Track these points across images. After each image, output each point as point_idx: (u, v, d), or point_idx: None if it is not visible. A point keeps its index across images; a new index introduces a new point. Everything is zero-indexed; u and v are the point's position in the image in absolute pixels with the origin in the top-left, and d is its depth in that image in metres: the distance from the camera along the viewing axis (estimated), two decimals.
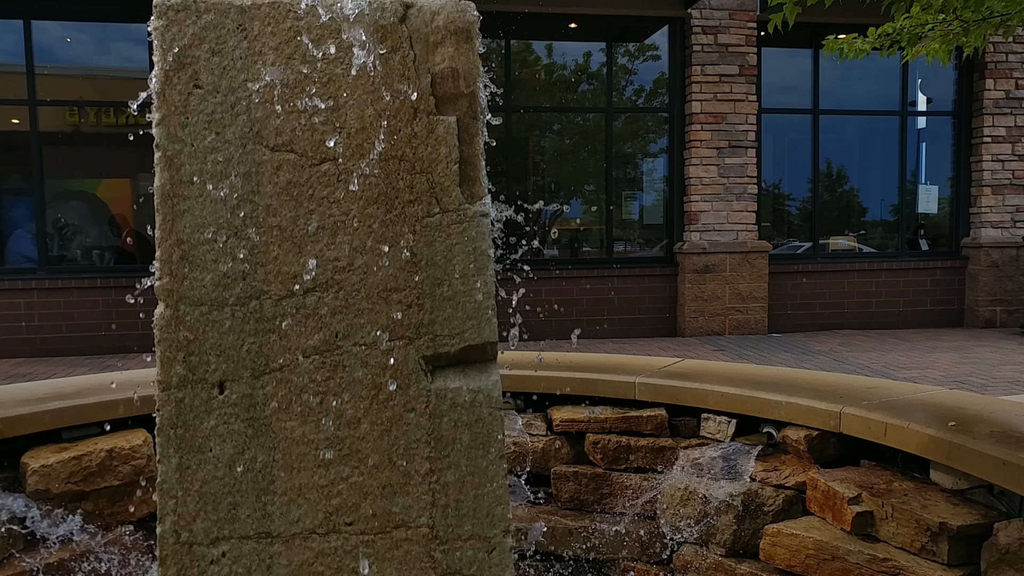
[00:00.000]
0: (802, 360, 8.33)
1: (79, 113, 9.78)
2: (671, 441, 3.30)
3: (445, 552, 1.61)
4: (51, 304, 9.02)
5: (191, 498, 1.56)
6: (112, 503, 3.00)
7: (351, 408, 1.60)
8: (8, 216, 9.66)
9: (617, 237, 10.88)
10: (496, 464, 1.62)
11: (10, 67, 9.38)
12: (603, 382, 3.45)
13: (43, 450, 2.94)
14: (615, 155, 10.69)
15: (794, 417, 2.98)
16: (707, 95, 10.14)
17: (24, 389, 3.32)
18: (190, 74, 1.58)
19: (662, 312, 10.31)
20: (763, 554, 2.67)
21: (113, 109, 9.85)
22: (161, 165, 1.57)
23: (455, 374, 1.64)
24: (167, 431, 1.56)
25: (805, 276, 10.65)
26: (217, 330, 1.57)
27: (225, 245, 1.57)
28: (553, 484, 3.36)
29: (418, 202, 1.61)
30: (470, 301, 1.62)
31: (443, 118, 1.62)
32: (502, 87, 10.20)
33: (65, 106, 9.71)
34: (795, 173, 11.29)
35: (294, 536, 1.58)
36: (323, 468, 1.59)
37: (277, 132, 1.58)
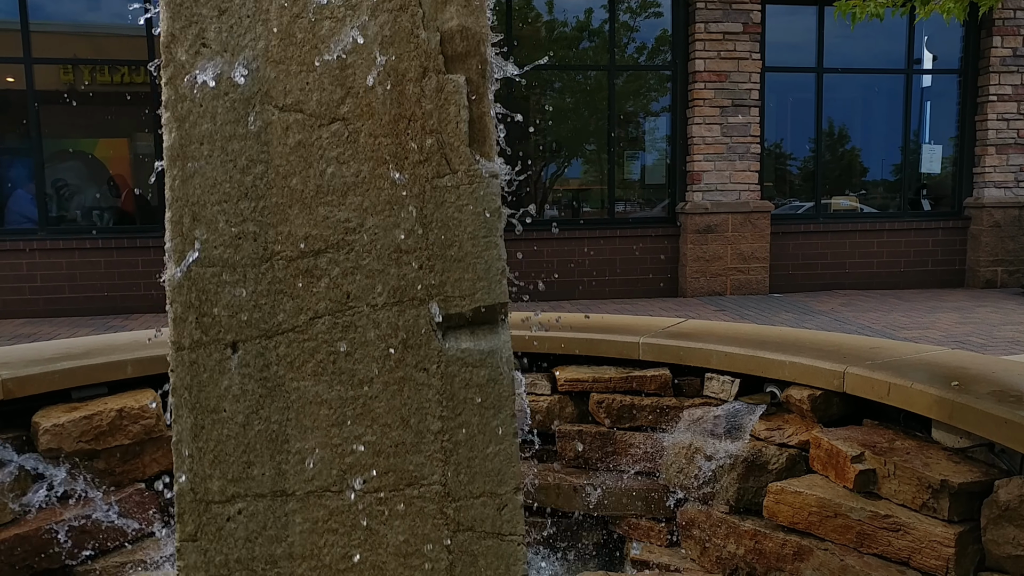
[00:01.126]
0: (803, 320, 8.35)
1: (73, 71, 9.67)
2: (675, 400, 3.32)
3: (457, 509, 1.63)
4: (53, 265, 9.02)
5: (206, 457, 1.58)
6: (123, 461, 3.04)
7: (363, 369, 1.61)
8: (6, 176, 9.61)
9: (618, 197, 10.84)
10: (507, 423, 1.64)
11: (4, 24, 9.25)
12: (607, 342, 3.47)
13: (54, 410, 2.97)
14: (617, 114, 10.60)
15: (798, 377, 3.00)
16: (710, 53, 10.02)
17: (33, 349, 3.33)
18: (197, 32, 1.56)
19: (663, 272, 10.32)
20: (766, 511, 2.71)
21: (108, 67, 9.74)
22: (170, 125, 1.56)
23: (466, 335, 1.65)
24: (181, 392, 1.57)
25: (807, 236, 10.63)
26: (229, 291, 1.57)
27: (236, 206, 1.56)
28: (558, 443, 3.40)
29: (428, 162, 1.61)
30: (480, 262, 1.63)
31: (452, 77, 1.61)
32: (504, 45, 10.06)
33: (61, 64, 9.61)
34: (797, 132, 11.22)
35: (309, 494, 1.60)
36: (336, 427, 1.60)
37: (286, 92, 1.57)
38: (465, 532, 1.64)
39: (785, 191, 11.42)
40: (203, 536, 1.58)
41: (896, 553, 2.31)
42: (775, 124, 11.00)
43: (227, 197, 1.56)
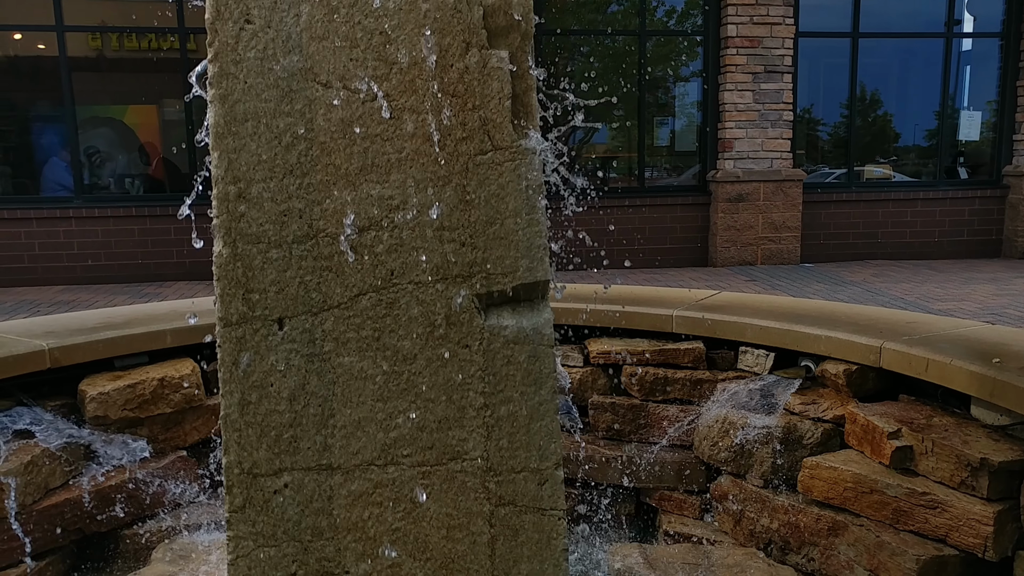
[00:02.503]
0: (835, 291, 8.27)
1: (102, 37, 9.69)
2: (708, 374, 3.32)
3: (499, 483, 1.65)
4: (89, 233, 9.15)
5: (253, 431, 1.61)
6: (165, 429, 3.11)
7: (407, 344, 1.62)
8: (39, 143, 9.71)
9: (648, 164, 10.73)
10: (549, 400, 1.65)
11: None
12: (640, 315, 3.46)
13: (99, 378, 3.04)
14: (647, 80, 10.45)
15: (833, 351, 2.98)
16: (743, 18, 9.82)
17: (76, 319, 3.40)
18: (241, 9, 1.56)
19: (694, 242, 10.24)
20: (801, 486, 2.71)
21: (136, 34, 9.76)
22: (215, 102, 1.56)
23: (508, 312, 1.65)
24: (229, 367, 1.60)
25: (839, 205, 10.47)
26: (275, 267, 1.59)
27: (281, 183, 1.57)
28: (590, 414, 3.42)
29: (471, 139, 1.60)
30: (522, 239, 1.63)
31: (495, 52, 1.60)
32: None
33: (93, 31, 9.64)
34: (830, 98, 11.00)
35: (354, 467, 1.63)
36: (381, 402, 1.63)
37: (330, 68, 1.57)
38: (506, 506, 1.66)
39: (816, 157, 11.23)
40: (251, 508, 1.62)
41: (933, 531, 2.30)
42: (807, 89, 10.79)
43: (272, 174, 1.57)
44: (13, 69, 9.69)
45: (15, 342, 2.95)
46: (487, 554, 1.65)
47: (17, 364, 2.85)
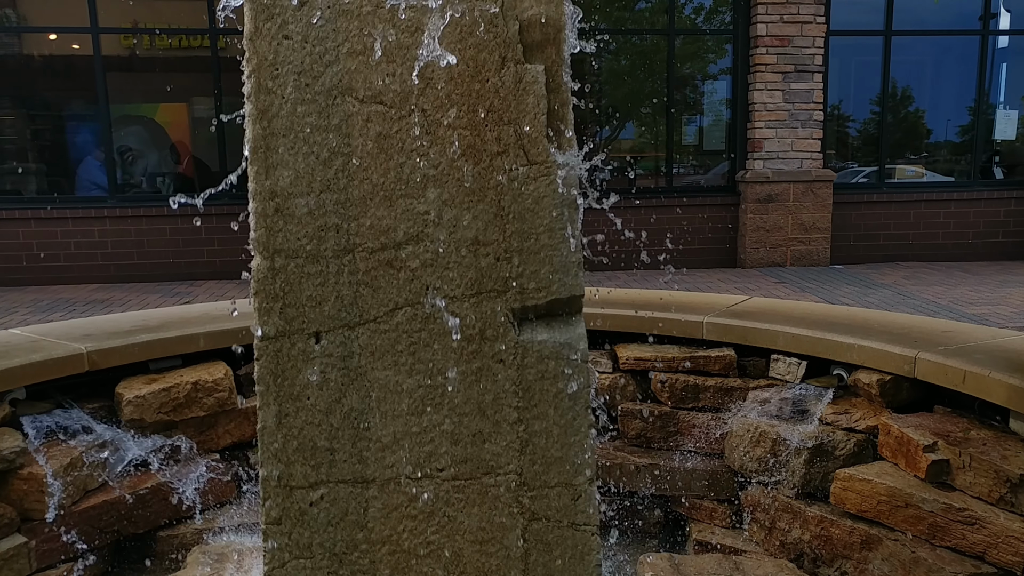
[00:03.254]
0: (865, 293, 8.17)
1: (133, 36, 9.82)
2: (740, 381, 3.30)
3: (532, 498, 1.65)
4: (123, 232, 9.29)
5: (290, 444, 1.62)
6: (199, 432, 3.15)
7: (441, 359, 1.63)
8: (73, 142, 9.87)
9: (677, 165, 10.66)
10: (582, 415, 1.65)
11: None
12: (670, 321, 3.45)
13: (134, 381, 3.09)
14: (675, 78, 10.39)
15: (866, 360, 2.94)
16: (773, 16, 9.73)
17: (112, 321, 3.45)
18: (279, 24, 1.57)
19: (722, 242, 10.16)
20: (833, 497, 2.68)
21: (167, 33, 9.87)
22: (253, 117, 1.58)
23: (542, 327, 1.65)
24: (266, 380, 1.61)
25: (869, 206, 10.34)
26: (312, 282, 1.60)
27: (319, 198, 1.59)
28: (619, 421, 3.41)
29: (506, 154, 1.60)
30: (557, 255, 1.62)
31: (531, 67, 1.59)
32: None
33: (127, 33, 9.78)
34: (861, 96, 10.85)
35: (388, 481, 1.64)
36: (415, 416, 1.63)
37: (366, 83, 1.58)
38: (540, 521, 1.66)
39: (845, 155, 11.09)
40: (287, 520, 1.64)
41: (971, 547, 2.27)
42: (837, 87, 10.65)
43: (310, 189, 1.59)
44: (48, 69, 9.86)
45: (55, 345, 3.00)
46: (520, 568, 1.66)
47: (56, 367, 2.91)
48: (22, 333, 3.23)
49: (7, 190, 9.59)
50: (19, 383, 2.82)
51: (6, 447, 2.62)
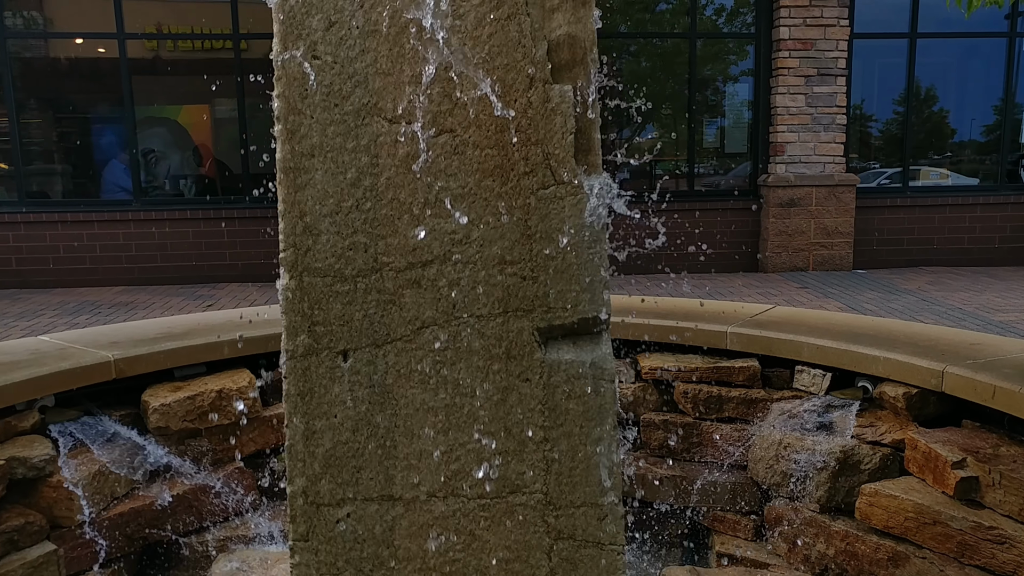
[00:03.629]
0: (888, 299, 8.09)
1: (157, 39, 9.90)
2: (763, 392, 3.28)
3: (558, 517, 1.65)
4: (146, 235, 9.38)
5: (317, 462, 1.63)
6: (223, 440, 3.17)
7: (468, 377, 1.63)
8: (99, 144, 9.98)
9: (698, 169, 10.61)
10: (609, 435, 1.65)
11: None
12: (694, 331, 3.43)
13: (160, 388, 3.12)
14: (697, 81, 10.34)
15: (892, 373, 2.91)
16: (795, 20, 9.65)
17: (138, 328, 3.49)
18: (308, 45, 1.58)
19: (744, 247, 10.10)
20: (859, 513, 2.66)
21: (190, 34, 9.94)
22: (282, 138, 1.59)
23: (568, 345, 1.65)
24: (294, 398, 1.62)
25: (893, 211, 10.24)
26: (340, 301, 1.61)
27: (347, 217, 1.59)
28: (642, 431, 3.40)
29: (533, 174, 1.60)
30: (584, 274, 1.62)
31: (559, 87, 1.59)
32: None
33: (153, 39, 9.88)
34: (884, 98, 10.74)
35: (415, 499, 1.64)
36: (442, 435, 1.64)
37: (394, 104, 1.58)
38: (566, 540, 1.66)
39: (868, 155, 10.98)
40: (314, 537, 1.65)
41: (1000, 567, 2.24)
42: (860, 88, 10.55)
43: (338, 209, 1.59)
44: (74, 72, 9.98)
45: (83, 353, 3.04)
46: None
47: (85, 375, 2.94)
48: (51, 340, 3.27)
49: (34, 191, 9.71)
50: (48, 391, 2.86)
51: (36, 455, 2.65)
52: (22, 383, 2.76)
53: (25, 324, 7.16)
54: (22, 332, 6.84)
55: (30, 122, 9.89)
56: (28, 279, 9.23)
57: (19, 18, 9.66)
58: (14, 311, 7.80)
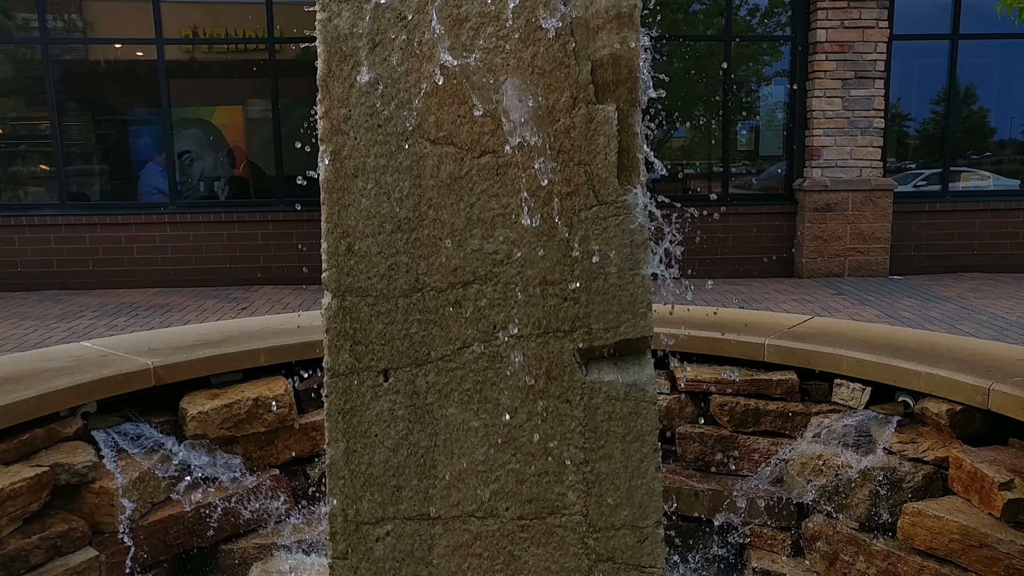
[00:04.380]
0: (927, 307, 7.95)
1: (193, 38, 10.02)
2: (801, 406, 3.23)
3: (598, 539, 1.64)
4: (181, 238, 9.52)
5: (358, 480, 1.64)
6: (259, 447, 3.20)
7: (507, 398, 1.63)
8: (136, 146, 10.13)
9: (733, 172, 10.52)
10: (650, 457, 1.63)
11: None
12: (731, 343, 3.39)
13: (197, 396, 3.15)
14: (731, 84, 10.24)
15: (934, 389, 2.86)
16: (833, 22, 9.52)
17: (176, 335, 3.53)
18: (352, 66, 1.59)
19: (779, 252, 9.99)
20: (901, 532, 2.61)
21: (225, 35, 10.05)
22: (326, 158, 1.60)
23: (609, 367, 1.64)
24: (335, 416, 1.63)
25: (931, 215, 10.06)
26: (382, 320, 1.61)
27: (389, 238, 1.60)
28: (678, 443, 3.37)
29: (576, 194, 1.59)
30: (626, 295, 1.61)
31: (602, 107, 1.58)
32: None
33: (190, 44, 10.02)
34: (923, 99, 10.55)
35: (454, 518, 1.64)
36: (481, 454, 1.63)
37: (438, 125, 1.58)
38: (605, 563, 1.64)
39: (905, 156, 10.79)
40: (353, 555, 1.65)
41: None
42: (898, 89, 10.38)
43: (381, 229, 1.60)
44: (113, 74, 10.14)
45: (124, 360, 3.08)
46: None
47: (126, 382, 2.99)
48: (92, 347, 3.33)
49: (74, 192, 9.89)
50: (91, 397, 2.90)
51: (79, 461, 2.70)
52: (66, 390, 2.81)
53: (66, 326, 7.30)
54: (63, 333, 6.98)
55: (70, 125, 10.08)
56: (68, 280, 9.41)
57: (60, 22, 9.85)
58: (55, 312, 7.96)
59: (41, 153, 9.88)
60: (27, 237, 9.39)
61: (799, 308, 7.91)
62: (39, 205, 9.72)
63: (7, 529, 2.48)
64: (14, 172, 9.93)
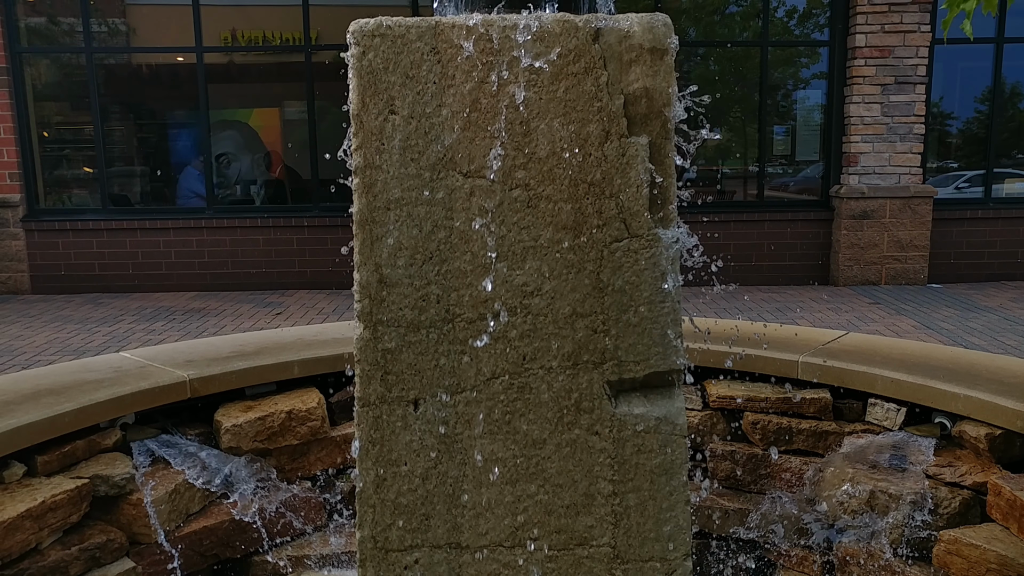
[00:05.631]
0: (967, 317, 7.79)
1: (231, 43, 10.16)
2: (835, 425, 3.19)
3: (626, 572, 1.64)
4: (218, 242, 9.67)
5: (387, 508, 1.66)
6: (292, 460, 3.25)
7: (537, 429, 1.63)
8: (175, 149, 10.31)
9: (768, 178, 10.41)
10: (679, 491, 1.63)
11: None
12: (764, 359, 3.37)
13: (232, 408, 3.20)
14: (768, 90, 10.13)
15: (973, 412, 2.80)
16: (873, 27, 9.38)
17: (212, 346, 3.59)
18: (385, 100, 1.60)
19: (814, 259, 9.87)
20: (936, 560, 2.57)
21: (262, 39, 10.17)
22: (359, 191, 1.62)
23: (639, 399, 1.64)
24: (366, 444, 1.65)
25: (973, 223, 9.86)
26: (413, 351, 1.63)
27: (421, 270, 1.61)
28: (708, 462, 3.35)
29: (607, 227, 1.59)
30: (656, 328, 1.61)
31: (635, 140, 1.58)
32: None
33: (230, 51, 10.17)
34: (966, 101, 10.34)
35: (482, 548, 1.65)
36: (510, 485, 1.64)
37: (469, 158, 1.60)
38: None
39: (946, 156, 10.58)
40: None
41: None
42: (939, 90, 10.18)
43: (413, 260, 1.61)
44: (154, 78, 10.33)
45: (160, 372, 3.14)
46: None
47: (162, 394, 3.04)
48: (131, 357, 3.40)
49: (116, 194, 10.09)
50: (129, 409, 2.96)
51: (117, 473, 2.76)
52: (106, 402, 2.87)
53: (107, 330, 7.46)
54: (103, 338, 7.13)
55: (112, 129, 10.29)
56: (109, 284, 9.61)
57: (103, 27, 10.05)
58: (96, 316, 8.13)
59: (85, 157, 10.10)
60: (71, 241, 9.61)
61: (834, 317, 7.80)
62: (83, 210, 9.94)
63: (48, 540, 2.54)
64: (59, 175, 10.16)
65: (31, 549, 2.49)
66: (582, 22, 1.55)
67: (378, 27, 1.59)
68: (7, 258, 9.59)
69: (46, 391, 2.90)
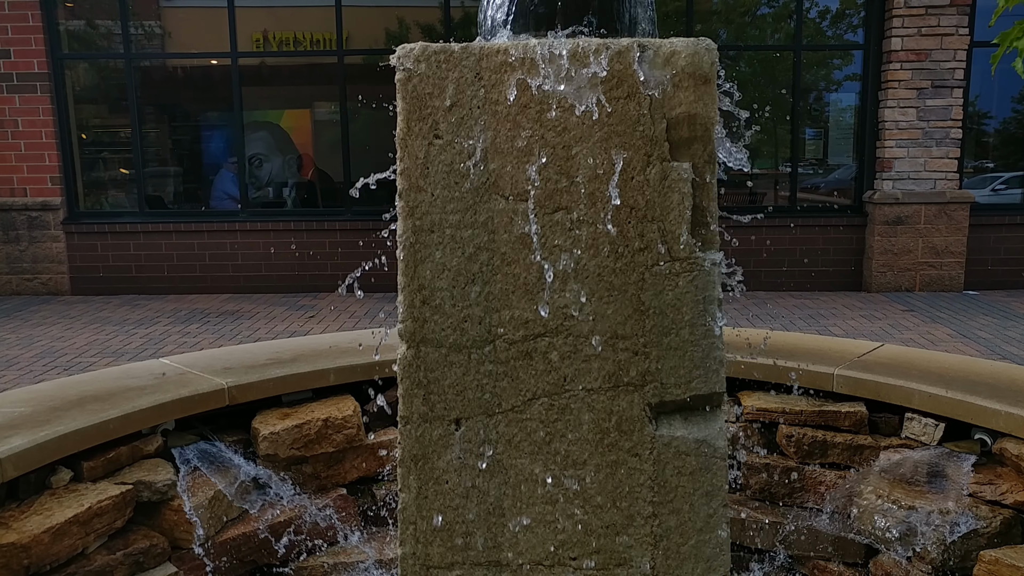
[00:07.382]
0: (1005, 325, 7.67)
1: (264, 44, 10.28)
2: (870, 439, 3.17)
3: None
4: (252, 245, 9.80)
5: (428, 525, 1.68)
6: (327, 467, 3.29)
7: (577, 450, 1.65)
8: (209, 150, 10.45)
9: (801, 183, 10.32)
10: (719, 513, 1.63)
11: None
12: (798, 371, 3.35)
13: (269, 415, 3.25)
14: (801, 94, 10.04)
15: (1015, 429, 2.77)
16: (910, 30, 9.26)
17: (248, 353, 3.65)
18: (430, 125, 1.63)
19: (847, 265, 9.77)
20: None
21: (294, 40, 10.27)
22: (403, 214, 1.64)
23: (680, 422, 1.65)
24: (408, 462, 1.68)
25: (1011, 228, 9.69)
26: (455, 371, 1.65)
27: (464, 291, 1.64)
28: (742, 473, 3.34)
29: (648, 250, 1.61)
30: (697, 351, 1.61)
31: (677, 164, 1.59)
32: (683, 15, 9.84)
33: (263, 57, 10.30)
34: (1003, 101, 10.16)
35: (521, 566, 1.67)
36: (550, 504, 1.66)
37: (512, 181, 1.61)
38: None
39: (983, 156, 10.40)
40: None
41: None
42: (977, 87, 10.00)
43: (455, 282, 1.64)
44: (189, 80, 10.49)
45: (200, 379, 3.20)
46: None
47: (202, 401, 3.10)
48: (171, 364, 3.46)
49: (152, 195, 10.26)
50: (170, 416, 3.02)
51: (159, 479, 2.81)
52: (148, 409, 2.93)
53: (144, 332, 7.59)
54: (140, 340, 7.26)
55: (149, 131, 10.47)
56: (145, 286, 9.78)
57: (140, 30, 10.20)
58: (133, 318, 8.28)
59: (122, 159, 10.28)
60: (109, 243, 9.80)
61: (867, 325, 7.72)
62: (120, 213, 10.12)
63: (93, 545, 2.60)
64: (97, 178, 10.36)
65: (78, 554, 2.55)
66: (625, 47, 1.56)
67: (423, 52, 1.61)
68: (48, 260, 9.80)
69: (91, 398, 2.97)
